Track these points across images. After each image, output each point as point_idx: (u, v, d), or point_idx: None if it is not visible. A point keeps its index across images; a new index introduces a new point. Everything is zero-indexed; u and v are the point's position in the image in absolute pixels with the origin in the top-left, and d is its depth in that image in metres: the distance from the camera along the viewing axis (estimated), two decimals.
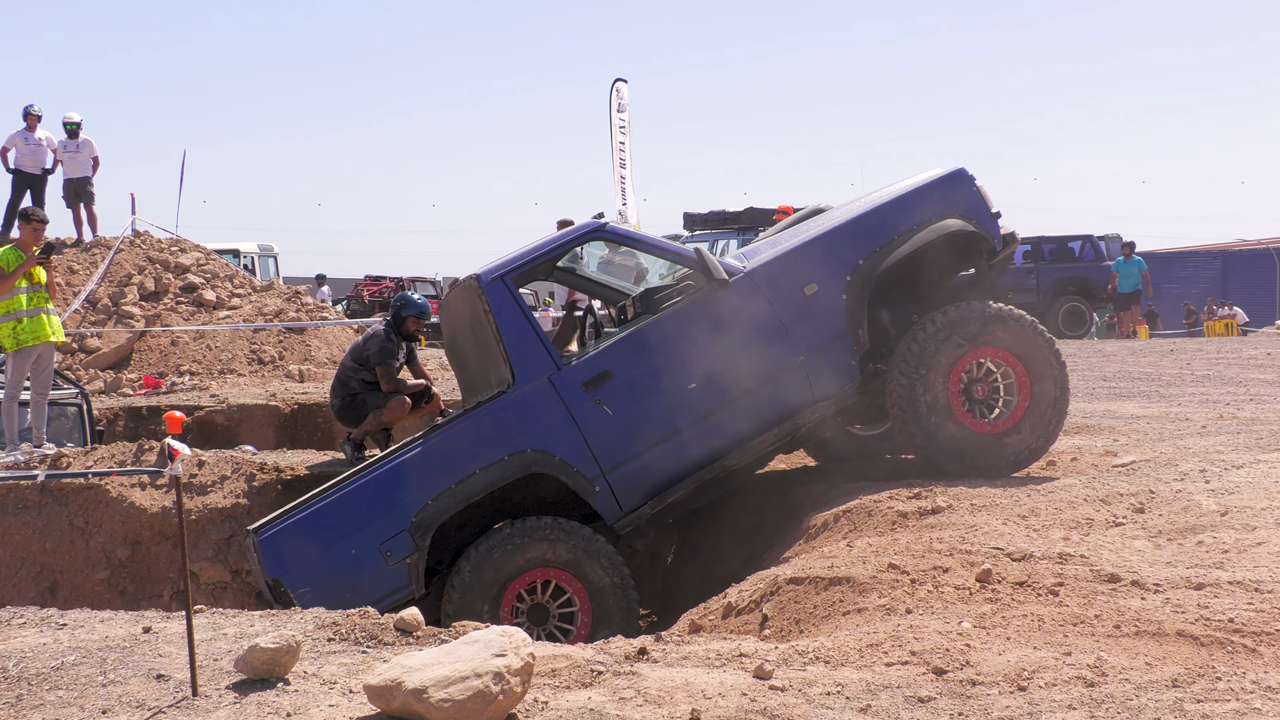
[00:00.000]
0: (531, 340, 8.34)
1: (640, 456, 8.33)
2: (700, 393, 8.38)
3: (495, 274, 8.44)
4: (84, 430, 12.80)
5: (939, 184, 8.99)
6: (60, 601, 10.00)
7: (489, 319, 8.35)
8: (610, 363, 8.35)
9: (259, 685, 4.92)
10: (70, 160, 19.57)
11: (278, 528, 8.00)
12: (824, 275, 8.63)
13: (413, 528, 8.00)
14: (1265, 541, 6.24)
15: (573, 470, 8.23)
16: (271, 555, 7.93)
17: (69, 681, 5.10)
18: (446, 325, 9.78)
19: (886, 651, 5.16)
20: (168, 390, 16.87)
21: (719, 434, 8.46)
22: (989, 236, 8.94)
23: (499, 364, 8.38)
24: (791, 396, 8.57)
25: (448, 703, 4.37)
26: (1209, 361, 17.73)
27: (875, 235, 8.74)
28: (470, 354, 9.18)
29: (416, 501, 8.03)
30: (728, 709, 4.58)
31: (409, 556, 7.99)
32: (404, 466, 8.11)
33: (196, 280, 19.76)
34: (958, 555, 6.35)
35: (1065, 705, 4.44)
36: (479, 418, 8.25)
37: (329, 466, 11.21)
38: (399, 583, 8.00)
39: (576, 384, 8.29)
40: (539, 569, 8.02)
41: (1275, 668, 4.75)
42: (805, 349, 8.56)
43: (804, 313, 8.59)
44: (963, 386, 8.56)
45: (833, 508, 8.08)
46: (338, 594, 7.83)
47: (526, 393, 8.26)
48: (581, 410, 8.25)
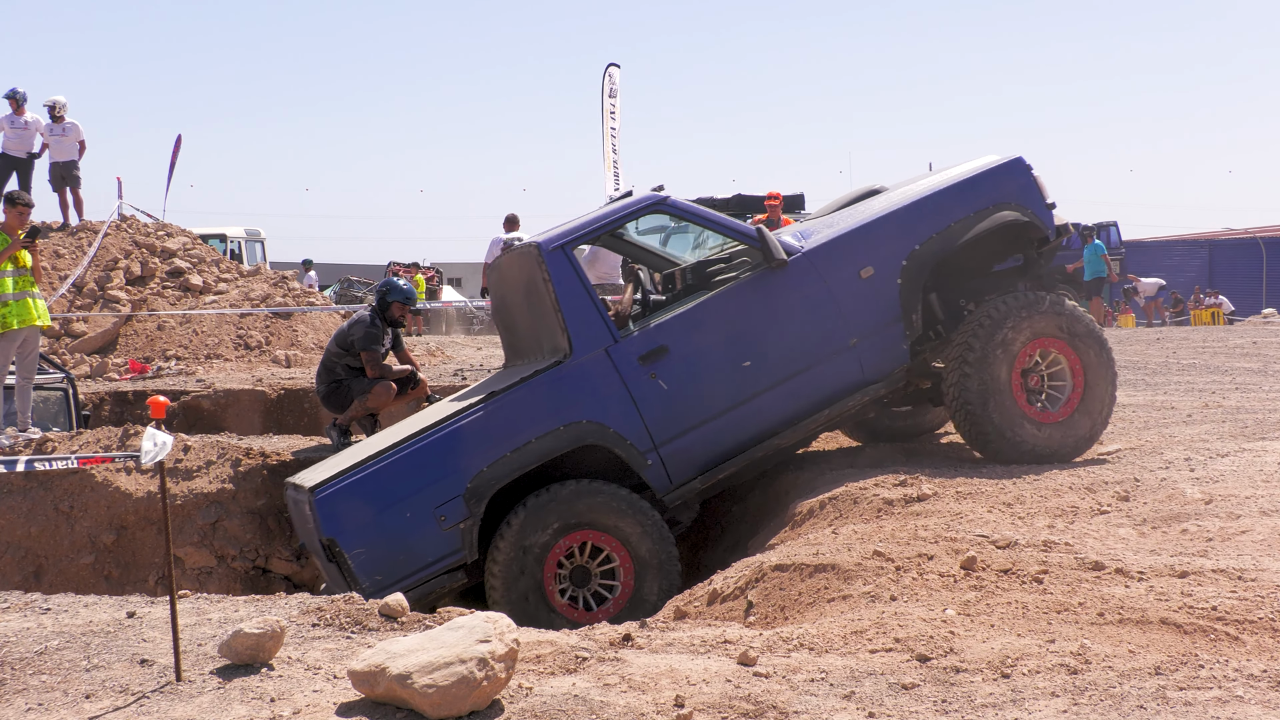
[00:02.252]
0: (590, 311, 8.39)
1: (693, 431, 8.42)
2: (754, 371, 8.49)
3: (556, 243, 8.47)
4: (69, 415, 12.75)
5: (996, 172, 9.05)
6: (45, 586, 9.97)
7: (548, 288, 8.39)
8: (667, 337, 8.43)
9: (243, 670, 4.91)
10: (56, 144, 19.44)
11: (335, 487, 7.99)
12: (881, 259, 8.70)
13: (468, 493, 8.03)
14: (1249, 530, 6.26)
15: (626, 443, 8.29)
16: (328, 515, 7.93)
17: (52, 666, 5.09)
18: (495, 288, 9.77)
19: (871, 638, 5.16)
20: (154, 375, 16.82)
21: (771, 412, 8.56)
22: (1043, 226, 9.01)
23: (555, 333, 8.44)
24: (843, 378, 8.66)
25: (432, 688, 4.37)
26: (1195, 350, 17.76)
27: (933, 221, 8.82)
28: (520, 319, 9.22)
29: (473, 467, 8.07)
30: (712, 695, 4.59)
31: (463, 521, 8.02)
32: (461, 432, 8.14)
33: (183, 265, 19.68)
34: (943, 543, 6.36)
35: (1048, 692, 4.46)
36: (535, 387, 8.29)
37: (315, 452, 11.19)
38: (452, 546, 8.02)
39: (633, 357, 8.37)
40: (585, 531, 8.09)
41: (1258, 655, 4.76)
42: (859, 331, 8.66)
43: (859, 295, 8.67)
44: (1023, 375, 8.62)
45: (819, 495, 8.08)
46: (392, 556, 7.92)
47: (583, 364, 8.33)
48: (637, 383, 8.34)
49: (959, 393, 8.55)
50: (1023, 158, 9.09)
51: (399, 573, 7.90)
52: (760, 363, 8.49)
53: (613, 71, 23.61)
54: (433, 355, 19.09)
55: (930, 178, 9.24)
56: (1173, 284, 40.81)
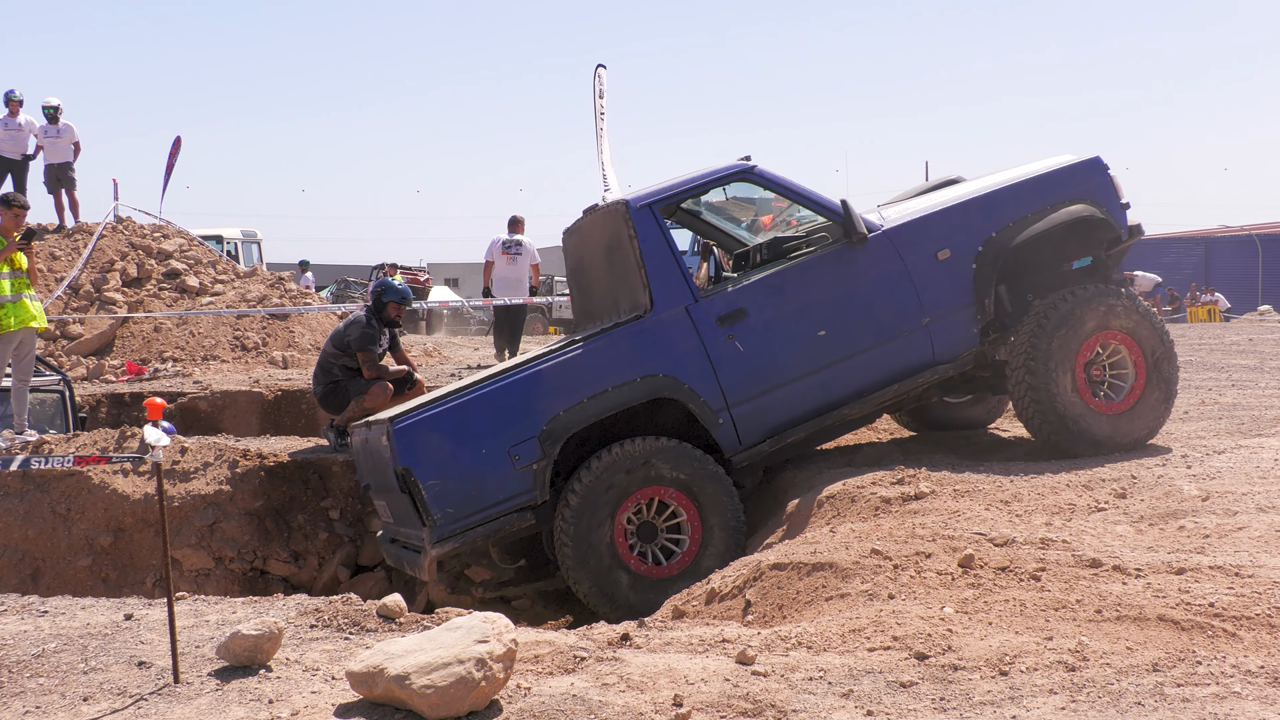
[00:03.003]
0: (673, 269, 8.55)
1: (765, 395, 8.59)
2: (828, 341, 8.67)
3: (644, 201, 8.64)
4: (66, 417, 12.74)
5: (1074, 169, 9.24)
6: (42, 589, 9.96)
7: (633, 244, 8.55)
8: (746, 300, 8.58)
9: (241, 672, 4.91)
10: (51, 145, 19.46)
11: (414, 419, 8.08)
12: (958, 243, 8.90)
13: (543, 435, 8.14)
14: (1246, 526, 6.26)
15: (700, 400, 8.45)
16: (405, 445, 8.00)
17: (50, 669, 5.09)
18: (572, 250, 9.91)
19: (869, 637, 5.16)
20: (150, 377, 16.80)
21: (841, 383, 8.74)
22: (1116, 225, 9.16)
23: (637, 289, 8.57)
24: (914, 356, 8.86)
25: (430, 689, 4.37)
26: (1191, 347, 17.78)
27: (1010, 210, 9.01)
28: (597, 280, 9.36)
29: (549, 410, 8.18)
30: (710, 694, 4.59)
31: (536, 462, 8.12)
32: (541, 375, 8.25)
33: (179, 266, 19.67)
34: (940, 541, 6.36)
35: (1046, 690, 4.46)
36: (617, 338, 8.44)
37: (312, 453, 11.19)
38: (524, 486, 8.12)
39: (712, 317, 8.52)
40: (656, 486, 8.22)
41: (1255, 652, 4.76)
42: (932, 311, 8.85)
43: (935, 276, 8.86)
44: (1086, 366, 8.75)
45: (816, 493, 8.09)
46: (464, 491, 8.03)
47: (664, 319, 8.48)
48: (714, 343, 8.49)
49: (1024, 377, 8.69)
50: (1100, 157, 9.30)
51: (470, 507, 8.03)
52: (835, 333, 8.68)
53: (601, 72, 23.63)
54: (430, 355, 19.09)
55: (1010, 171, 9.46)
56: (1169, 281, 40.81)
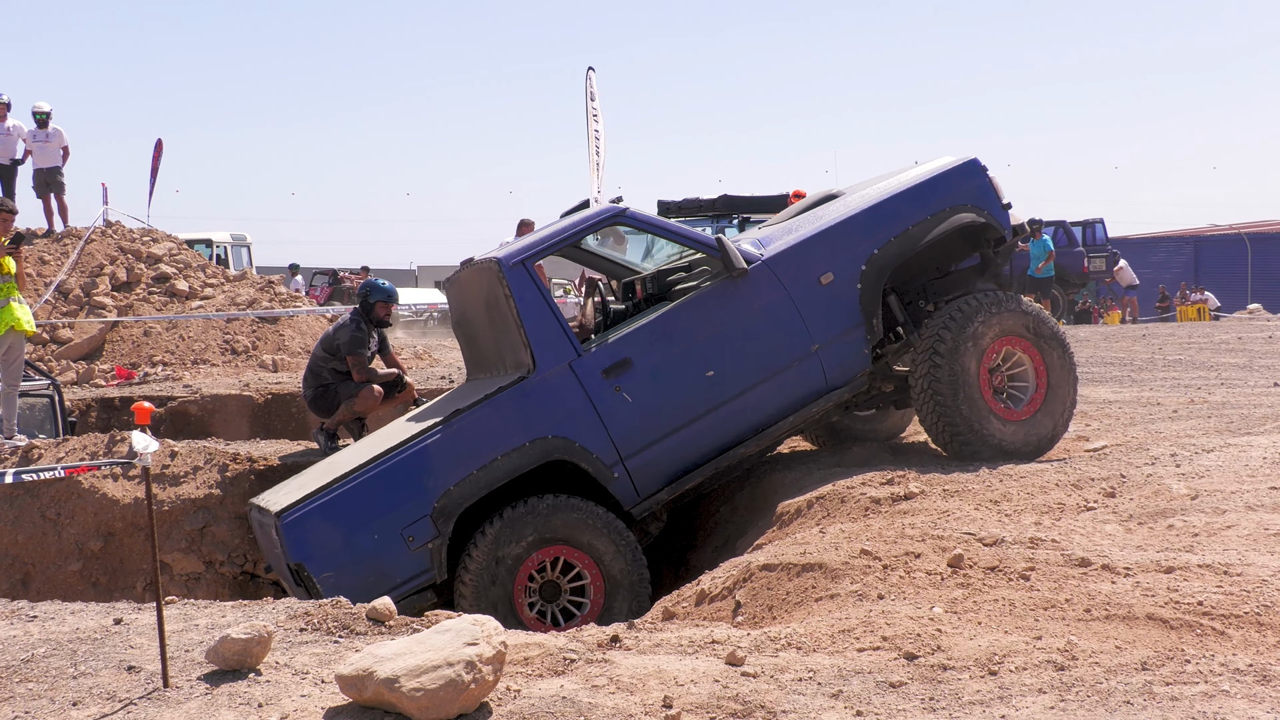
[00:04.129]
0: (552, 326, 8.33)
1: (659, 443, 8.37)
2: (718, 380, 8.45)
3: (516, 258, 8.39)
4: (56, 421, 12.72)
5: (952, 174, 9.07)
6: (32, 594, 9.94)
7: (509, 303, 8.32)
8: (630, 350, 8.38)
9: (230, 676, 4.90)
10: (40, 150, 19.45)
11: (301, 511, 7.90)
12: (840, 264, 8.69)
13: (435, 513, 7.96)
14: (1235, 525, 6.28)
15: (592, 457, 8.23)
16: (295, 540, 7.85)
17: (39, 674, 5.08)
18: (455, 301, 9.72)
19: (858, 637, 5.17)
20: (140, 381, 16.78)
21: (736, 421, 8.53)
22: (999, 227, 9.04)
23: (518, 348, 8.37)
24: (807, 384, 8.66)
25: (420, 692, 4.37)
26: (1181, 346, 17.82)
27: (890, 224, 8.81)
28: (482, 332, 9.17)
29: (439, 487, 7.99)
30: (700, 696, 4.59)
31: (431, 541, 7.95)
32: (426, 451, 8.05)
33: (169, 270, 19.64)
34: (930, 541, 6.36)
35: (1035, 689, 4.46)
36: (500, 403, 8.20)
37: (302, 457, 11.17)
38: (421, 567, 7.96)
39: (597, 370, 8.31)
40: (553, 546, 8.04)
41: (1244, 650, 4.78)
42: (821, 337, 8.65)
43: (820, 302, 8.66)
44: (989, 375, 8.65)
45: (805, 494, 8.08)
46: (362, 579, 7.82)
47: (547, 379, 8.26)
48: (602, 397, 8.28)
49: (928, 385, 8.55)
50: (978, 159, 9.12)
51: (368, 595, 7.73)
52: (724, 372, 8.45)
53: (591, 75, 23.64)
54: (420, 358, 19.08)
55: (886, 181, 9.22)
56: (1159, 280, 40.89)
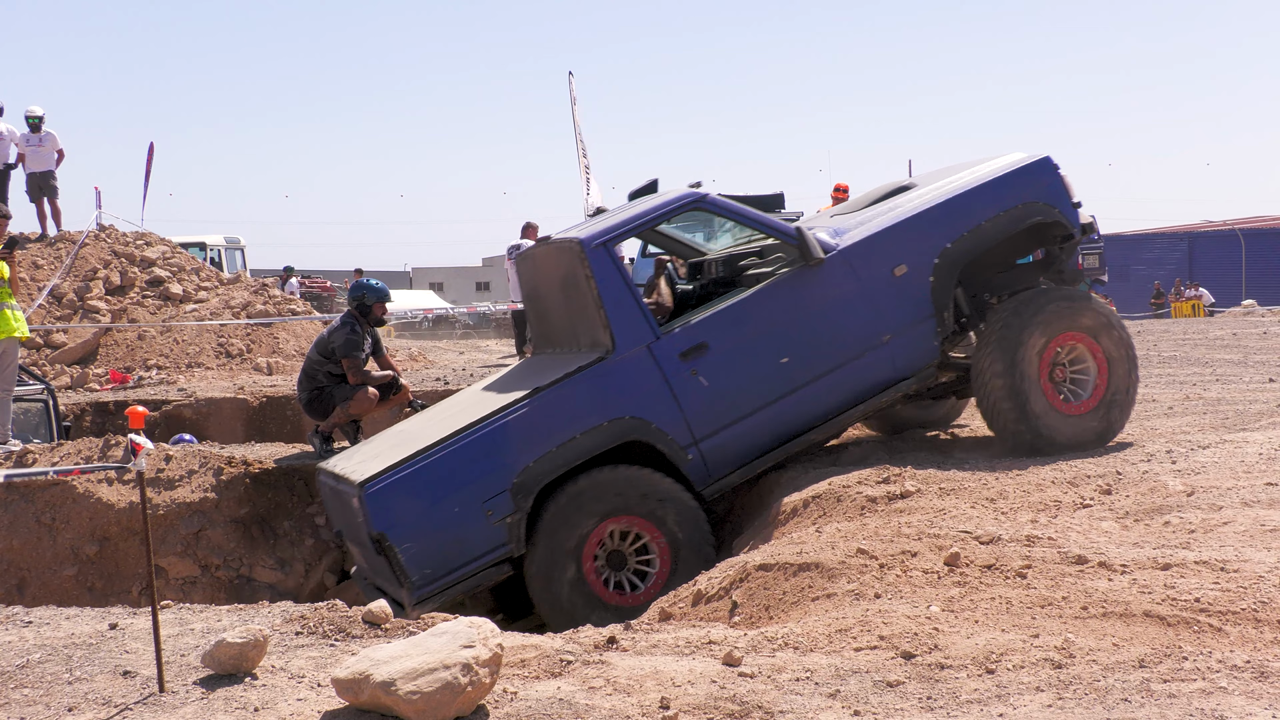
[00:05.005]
0: (631, 308, 8.50)
1: (732, 427, 8.57)
2: (791, 367, 8.66)
3: (599, 239, 8.58)
4: (50, 426, 12.70)
5: (1025, 171, 9.23)
6: (28, 599, 9.92)
7: (590, 284, 8.49)
8: (707, 334, 8.56)
9: (226, 680, 4.89)
10: (33, 154, 19.42)
11: (386, 482, 7.99)
12: (914, 257, 8.87)
13: (515, 488, 8.10)
14: (1231, 521, 6.28)
15: (667, 438, 8.42)
16: (378, 510, 7.94)
17: (34, 679, 5.06)
18: (527, 276, 9.85)
19: (855, 636, 5.16)
20: (135, 385, 16.76)
21: (807, 407, 8.73)
22: (1069, 224, 9.19)
23: (596, 328, 8.53)
24: (877, 374, 8.85)
25: (416, 695, 4.36)
26: (1176, 342, 17.83)
27: (964, 219, 8.98)
28: (555, 309, 9.32)
29: (519, 463, 8.13)
30: (697, 696, 4.58)
31: (510, 515, 8.09)
32: (507, 428, 8.19)
33: (163, 274, 19.63)
34: (926, 539, 6.36)
35: (1033, 687, 4.46)
36: (579, 383, 8.36)
37: (298, 459, 11.16)
38: (499, 540, 8.09)
39: (674, 353, 8.49)
40: (623, 516, 8.22)
41: (1241, 646, 4.77)
42: (892, 328, 8.84)
43: (893, 293, 8.84)
44: (1050, 368, 8.77)
45: (802, 493, 8.08)
46: (441, 549, 7.98)
47: (625, 360, 8.43)
48: (678, 379, 8.47)
49: (989, 375, 8.71)
50: (1050, 157, 9.29)
51: (447, 565, 7.99)
52: (797, 359, 8.65)
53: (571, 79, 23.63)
54: (414, 360, 19.07)
55: (960, 175, 9.38)
56: (1153, 276, 40.95)
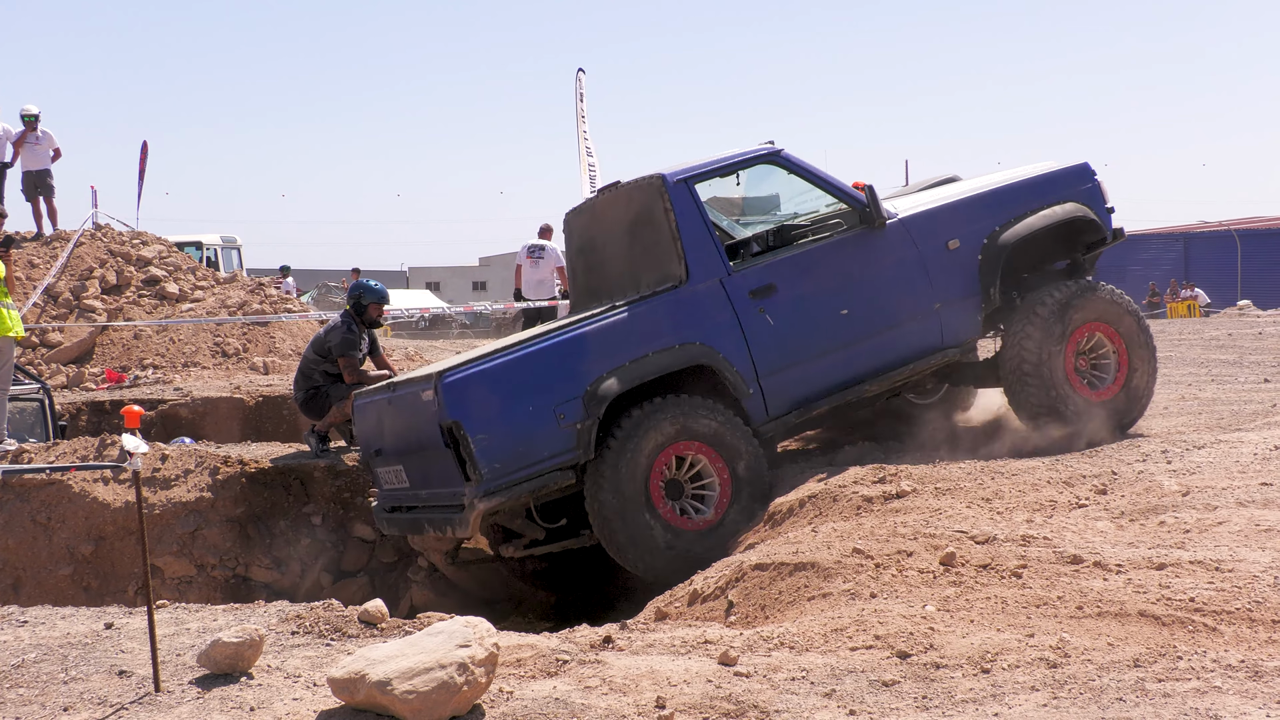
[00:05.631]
0: (708, 243, 8.85)
1: (792, 368, 8.88)
2: (850, 320, 9.04)
3: (680, 176, 8.91)
4: (46, 425, 12.68)
5: (1067, 173, 9.83)
6: (23, 598, 9.91)
7: (669, 217, 8.81)
8: (775, 276, 8.91)
9: (222, 680, 4.89)
10: (30, 152, 19.39)
11: (464, 373, 8.13)
12: (966, 233, 9.40)
13: (587, 395, 8.24)
14: (1226, 521, 6.28)
15: (733, 369, 8.68)
16: (454, 399, 8.04)
17: (30, 679, 5.07)
18: (580, 230, 10.07)
19: (851, 636, 5.17)
20: (130, 384, 16.73)
21: (862, 360, 9.10)
22: (1104, 227, 9.73)
23: (669, 261, 8.82)
24: (926, 339, 9.29)
25: (412, 694, 4.36)
26: (1171, 343, 17.84)
27: (1011, 207, 9.56)
28: (614, 256, 9.57)
29: (593, 372, 8.30)
30: (693, 696, 4.58)
31: (581, 422, 8.19)
32: (584, 338, 8.39)
33: (159, 273, 19.60)
34: (922, 539, 6.36)
35: (1028, 686, 4.46)
36: (656, 305, 8.65)
37: (294, 459, 11.15)
38: (568, 445, 8.20)
39: (744, 290, 8.81)
40: (691, 441, 8.36)
41: (1235, 646, 4.78)
42: (943, 297, 9.31)
43: (946, 264, 9.35)
44: (1075, 355, 9.19)
45: (798, 492, 8.09)
46: (511, 447, 8.09)
47: (699, 290, 8.73)
48: (746, 315, 8.78)
49: (1018, 361, 9.13)
50: (1088, 163, 9.92)
51: (516, 464, 8.08)
52: (857, 313, 9.03)
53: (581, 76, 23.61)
54: (411, 360, 19.05)
55: (1007, 171, 10.01)
56: (1149, 277, 40.99)
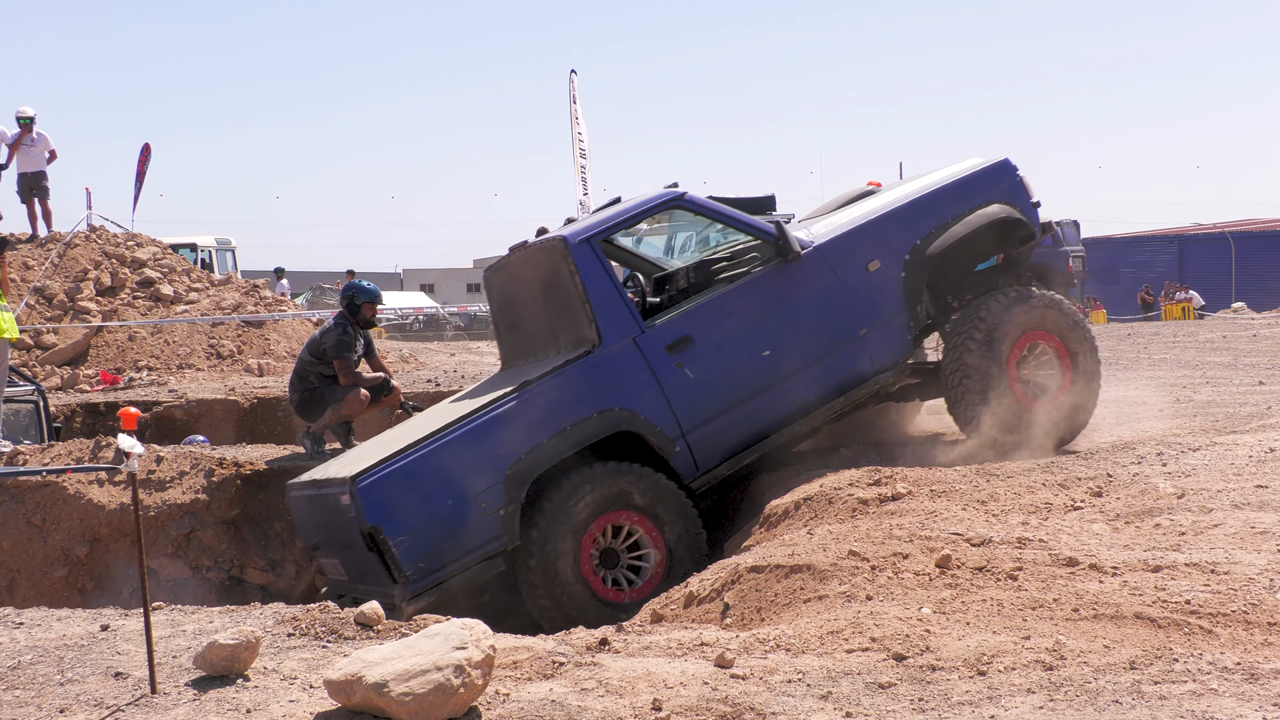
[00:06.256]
0: (616, 302, 8.60)
1: (718, 419, 8.66)
2: (774, 360, 8.79)
3: (581, 236, 8.64)
4: (41, 427, 12.67)
5: (987, 173, 9.52)
6: (18, 600, 9.90)
7: (575, 280, 8.54)
8: (691, 326, 8.67)
9: (218, 682, 4.89)
10: (25, 154, 19.38)
11: (378, 475, 7.93)
12: (886, 253, 9.08)
13: (508, 479, 8.06)
14: (1221, 523, 6.29)
15: (656, 429, 8.48)
16: (370, 502, 7.87)
17: (26, 681, 5.06)
18: (499, 288, 9.87)
19: (847, 638, 5.17)
20: (125, 386, 16.72)
21: (790, 399, 8.84)
22: (1030, 224, 9.42)
23: (581, 324, 8.58)
24: (855, 367, 9.00)
25: (409, 696, 4.36)
26: (1166, 345, 17.88)
27: (932, 217, 9.23)
28: (531, 316, 9.37)
29: (512, 454, 8.11)
30: (689, 698, 4.58)
31: (504, 507, 8.04)
32: (499, 419, 8.18)
33: (153, 275, 19.59)
34: (918, 541, 6.37)
35: (1024, 689, 4.47)
36: (569, 375, 8.40)
37: (289, 461, 11.15)
38: (493, 533, 8.04)
39: (660, 346, 8.59)
40: (620, 511, 8.21)
41: (1231, 648, 4.78)
42: (868, 322, 9.02)
43: (868, 288, 9.04)
44: (1018, 365, 8.95)
45: (793, 495, 8.09)
46: (435, 543, 7.93)
47: (613, 353, 8.49)
48: (664, 372, 8.55)
49: (960, 372, 8.87)
50: (1009, 159, 9.54)
51: (443, 559, 7.93)
52: (779, 351, 8.79)
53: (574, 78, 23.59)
54: (405, 362, 19.05)
55: (924, 178, 9.62)
56: (1143, 279, 41.07)
